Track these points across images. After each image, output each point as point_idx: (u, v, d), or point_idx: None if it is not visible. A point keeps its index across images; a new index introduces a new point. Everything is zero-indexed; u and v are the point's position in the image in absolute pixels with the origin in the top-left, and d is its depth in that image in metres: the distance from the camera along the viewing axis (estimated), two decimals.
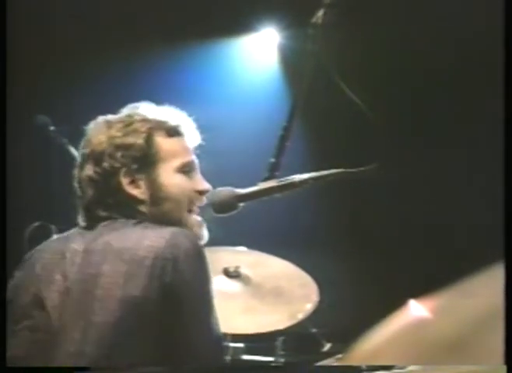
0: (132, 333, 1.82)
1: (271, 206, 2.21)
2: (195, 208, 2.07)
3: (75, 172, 2.05)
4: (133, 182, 1.99)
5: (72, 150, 3.25)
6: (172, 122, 2.06)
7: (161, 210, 2.01)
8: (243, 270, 3.00)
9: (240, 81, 4.32)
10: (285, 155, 2.11)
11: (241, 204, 2.10)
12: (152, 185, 2.00)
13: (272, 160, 2.11)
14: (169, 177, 2.02)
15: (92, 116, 2.09)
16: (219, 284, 2.92)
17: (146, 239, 1.87)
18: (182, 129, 2.08)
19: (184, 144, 2.08)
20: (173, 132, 2.05)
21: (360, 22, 3.77)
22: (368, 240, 4.14)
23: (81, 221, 2.03)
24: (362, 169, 2.10)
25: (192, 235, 1.95)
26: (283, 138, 2.12)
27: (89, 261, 1.91)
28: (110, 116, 2.07)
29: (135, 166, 1.98)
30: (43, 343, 1.88)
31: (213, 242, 2.13)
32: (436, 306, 1.11)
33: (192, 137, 2.10)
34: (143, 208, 2.00)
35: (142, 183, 2.00)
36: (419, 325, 1.10)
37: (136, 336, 1.82)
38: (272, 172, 2.10)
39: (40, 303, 1.91)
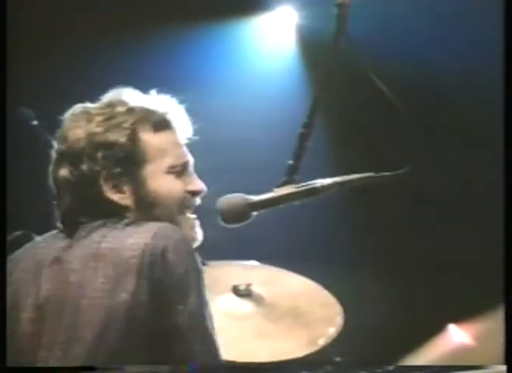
0: (121, 340, 1.83)
1: (288, 215, 2.21)
2: (188, 210, 2.06)
3: (50, 169, 2.04)
4: (115, 186, 1.98)
5: None
6: (160, 112, 2.03)
7: (148, 217, 1.99)
8: (256, 288, 2.97)
9: (252, 67, 4.30)
10: (306, 157, 2.10)
11: (254, 213, 2.09)
12: (137, 190, 1.99)
13: (290, 162, 2.11)
14: (157, 180, 2.01)
15: None
16: (227, 304, 2.91)
17: (131, 237, 1.88)
18: (171, 121, 2.05)
19: (174, 140, 2.06)
20: (161, 125, 2.03)
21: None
22: (399, 255, 4.13)
23: (59, 224, 2.03)
24: (394, 172, 2.10)
25: (180, 230, 1.96)
26: (303, 137, 2.12)
27: (71, 268, 1.91)
28: (89, 106, 2.05)
29: (117, 169, 1.97)
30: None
31: (222, 255, 2.13)
32: (477, 331, 1.13)
33: (184, 129, 2.08)
34: (128, 214, 1.99)
35: (125, 188, 1.99)
36: (462, 351, 1.13)
37: (126, 342, 1.84)
38: (290, 176, 2.10)
39: (14, 317, 1.93)
